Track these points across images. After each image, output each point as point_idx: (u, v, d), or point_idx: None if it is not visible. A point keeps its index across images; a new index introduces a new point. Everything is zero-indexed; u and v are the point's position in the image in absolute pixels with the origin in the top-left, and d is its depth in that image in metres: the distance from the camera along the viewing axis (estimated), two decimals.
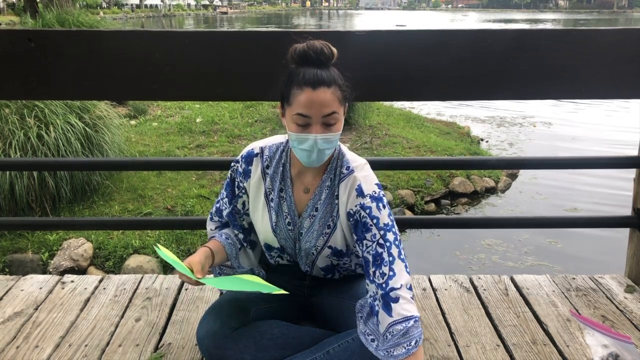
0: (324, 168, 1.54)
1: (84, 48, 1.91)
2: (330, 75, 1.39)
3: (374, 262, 1.41)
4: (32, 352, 1.76)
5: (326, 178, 1.53)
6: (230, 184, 1.64)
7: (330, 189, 1.53)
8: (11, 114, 4.72)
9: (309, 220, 1.55)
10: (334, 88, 1.38)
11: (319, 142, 1.39)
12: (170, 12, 60.99)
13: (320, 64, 1.39)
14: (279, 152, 1.57)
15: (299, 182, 1.57)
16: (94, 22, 8.50)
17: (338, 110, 1.39)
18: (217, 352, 1.48)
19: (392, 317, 1.33)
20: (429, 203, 5.81)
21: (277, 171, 1.56)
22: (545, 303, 2.08)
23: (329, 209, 1.53)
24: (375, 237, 1.42)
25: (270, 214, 1.57)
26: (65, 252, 4.15)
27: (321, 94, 1.35)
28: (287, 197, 1.56)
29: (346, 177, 1.51)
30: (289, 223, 1.57)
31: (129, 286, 2.20)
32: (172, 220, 3.37)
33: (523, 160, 4.71)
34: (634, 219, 2.26)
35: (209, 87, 1.96)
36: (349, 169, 1.52)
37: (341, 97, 1.41)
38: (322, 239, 1.55)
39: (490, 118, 10.29)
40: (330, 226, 1.53)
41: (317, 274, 1.67)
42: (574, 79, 1.97)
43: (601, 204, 5.92)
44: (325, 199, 1.53)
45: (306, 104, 1.35)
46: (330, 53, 1.40)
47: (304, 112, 1.36)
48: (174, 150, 6.47)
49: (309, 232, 1.55)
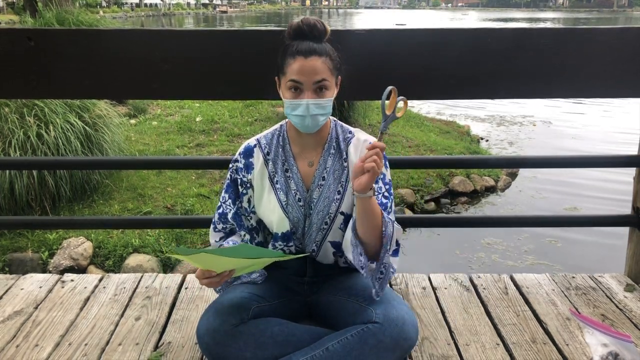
0: (323, 139, 1.63)
1: (84, 47, 1.91)
2: (322, 47, 1.50)
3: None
4: (32, 351, 1.76)
5: (328, 147, 1.63)
6: (231, 184, 1.65)
7: (336, 156, 1.62)
8: (11, 112, 4.72)
9: (317, 191, 1.60)
10: (325, 58, 1.49)
11: (311, 107, 1.48)
12: (170, 11, 60.95)
13: (314, 37, 1.50)
14: (276, 137, 1.65)
15: (301, 158, 1.63)
16: (93, 21, 8.48)
17: (329, 78, 1.50)
18: (217, 350, 1.48)
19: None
20: (428, 202, 5.81)
21: (278, 153, 1.63)
22: (544, 302, 2.08)
23: (337, 175, 1.61)
24: (381, 190, 1.59)
25: (278, 196, 1.60)
26: (65, 251, 4.15)
27: (313, 62, 1.47)
28: (293, 174, 1.62)
29: (351, 139, 1.63)
30: (299, 199, 1.61)
31: (128, 285, 2.20)
32: (171, 219, 3.37)
33: (523, 159, 4.70)
34: (633, 217, 2.26)
35: (208, 86, 1.96)
36: (351, 132, 1.66)
37: (332, 67, 1.51)
38: (334, 205, 1.59)
39: (490, 117, 10.29)
40: (340, 191, 1.60)
41: (323, 255, 1.67)
42: (574, 77, 1.97)
43: (601, 203, 5.93)
44: (332, 166, 1.61)
45: (298, 70, 1.46)
46: (323, 28, 1.53)
47: (296, 79, 1.47)
48: (173, 149, 6.46)
49: (319, 201, 1.59)
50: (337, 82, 1.56)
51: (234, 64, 1.93)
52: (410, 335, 1.48)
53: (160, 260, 4.17)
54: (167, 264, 4.17)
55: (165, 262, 4.17)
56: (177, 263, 4.16)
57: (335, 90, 1.55)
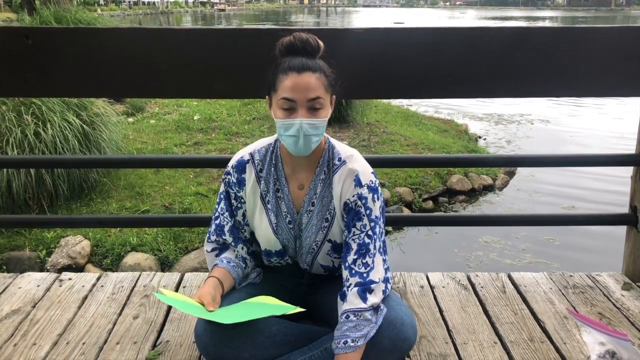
0: (316, 162, 1.55)
1: (82, 45, 1.90)
2: (315, 63, 1.43)
3: (358, 251, 1.47)
4: (29, 349, 1.76)
5: (319, 172, 1.55)
6: (226, 196, 1.62)
7: (325, 182, 1.54)
8: (8, 111, 4.70)
9: (306, 216, 1.56)
10: (320, 74, 1.42)
11: (305, 126, 1.40)
12: (167, 9, 60.80)
13: (307, 54, 1.43)
14: (269, 154, 1.58)
15: (293, 180, 1.57)
16: (91, 19, 8.46)
17: (324, 96, 1.42)
18: (215, 350, 1.48)
19: (365, 305, 1.41)
20: (426, 201, 5.81)
21: (270, 172, 1.57)
22: (542, 300, 2.09)
23: (325, 202, 1.54)
24: (365, 228, 1.48)
25: (268, 216, 1.58)
26: (62, 250, 4.15)
27: (306, 78, 1.39)
28: (284, 195, 1.57)
29: (339, 168, 1.53)
30: (289, 222, 1.58)
31: (126, 284, 2.20)
32: (169, 217, 3.37)
33: (521, 157, 4.72)
34: (631, 216, 2.27)
35: (206, 84, 1.96)
36: (341, 159, 1.54)
37: (327, 84, 1.43)
38: (321, 233, 1.55)
39: (487, 116, 10.29)
40: (328, 219, 1.55)
41: (316, 271, 1.67)
42: (572, 76, 1.98)
43: (599, 201, 5.93)
44: (321, 192, 1.55)
45: (291, 87, 1.39)
46: (317, 44, 1.45)
47: (289, 96, 1.39)
48: (171, 148, 6.45)
49: (308, 227, 1.56)
50: (331, 101, 1.48)
51: (232, 62, 1.93)
52: (409, 336, 1.48)
53: (158, 258, 4.16)
54: (165, 262, 4.17)
55: (163, 261, 4.16)
56: (175, 262, 4.16)
57: (329, 109, 1.47)
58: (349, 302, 1.43)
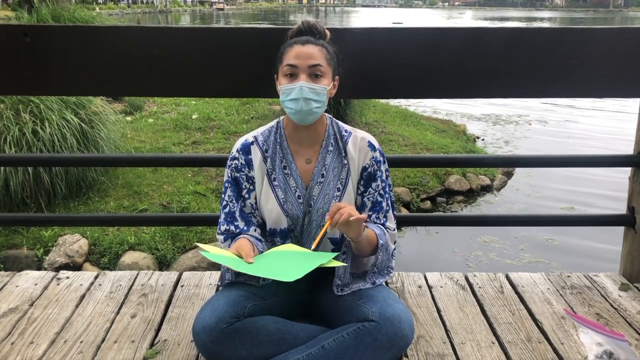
0: (321, 136, 1.64)
1: (81, 44, 1.90)
2: (320, 41, 1.55)
3: (372, 208, 1.64)
4: (27, 348, 1.76)
5: (326, 144, 1.63)
6: (233, 183, 1.63)
7: (334, 152, 1.63)
8: (6, 109, 4.69)
9: (317, 188, 1.61)
10: (322, 48, 1.53)
11: (305, 90, 1.49)
12: (166, 8, 60.63)
13: (312, 34, 1.56)
14: (273, 134, 1.65)
15: (299, 155, 1.64)
16: (89, 17, 8.43)
17: (325, 65, 1.52)
18: (213, 348, 1.49)
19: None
20: (424, 201, 5.82)
21: (276, 151, 1.63)
22: (540, 301, 2.09)
23: (337, 172, 1.62)
24: (378, 188, 1.64)
25: (275, 193, 1.61)
26: (60, 249, 4.14)
27: (309, 48, 1.52)
28: (292, 171, 1.62)
29: (349, 138, 1.64)
30: (298, 196, 1.62)
31: (124, 283, 2.20)
32: (167, 216, 3.37)
33: (519, 158, 4.73)
34: (628, 217, 2.27)
35: (205, 83, 1.96)
36: (347, 131, 1.68)
37: (329, 59, 1.55)
38: (334, 201, 1.60)
39: (486, 116, 10.30)
40: (340, 188, 1.62)
41: (324, 248, 1.67)
42: (570, 77, 1.98)
43: (597, 202, 5.94)
44: (331, 162, 1.62)
45: (294, 55, 1.51)
46: (323, 29, 1.58)
47: (292, 62, 1.51)
48: (169, 147, 6.44)
49: (319, 198, 1.60)
50: (334, 78, 1.58)
51: (231, 61, 1.93)
52: (406, 334, 1.49)
53: (155, 257, 4.16)
54: (162, 261, 4.16)
55: (160, 260, 4.16)
56: (173, 261, 4.16)
57: (331, 82, 1.56)
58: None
